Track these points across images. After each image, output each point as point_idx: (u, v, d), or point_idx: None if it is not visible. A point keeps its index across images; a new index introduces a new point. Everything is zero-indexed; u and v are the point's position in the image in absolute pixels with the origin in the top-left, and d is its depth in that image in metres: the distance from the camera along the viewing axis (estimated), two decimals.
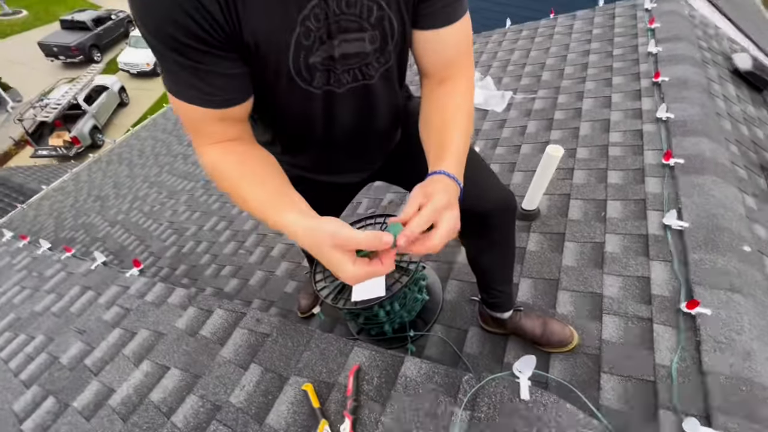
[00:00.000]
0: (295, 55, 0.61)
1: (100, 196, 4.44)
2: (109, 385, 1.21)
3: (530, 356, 0.76)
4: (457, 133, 0.68)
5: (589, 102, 2.19)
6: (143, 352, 1.26)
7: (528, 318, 1.26)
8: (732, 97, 2.17)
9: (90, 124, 10.31)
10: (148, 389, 1.13)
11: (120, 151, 5.69)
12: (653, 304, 1.23)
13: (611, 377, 1.13)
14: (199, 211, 3.14)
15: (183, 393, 1.08)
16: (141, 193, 4.00)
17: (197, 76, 0.57)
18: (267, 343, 1.09)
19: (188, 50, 0.54)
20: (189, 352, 1.19)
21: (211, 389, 1.05)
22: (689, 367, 1.07)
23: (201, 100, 0.59)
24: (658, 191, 1.56)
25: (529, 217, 1.67)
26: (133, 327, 1.38)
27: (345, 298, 1.33)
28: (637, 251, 1.40)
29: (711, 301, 1.17)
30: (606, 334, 1.22)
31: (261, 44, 0.58)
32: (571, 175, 1.80)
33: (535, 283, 1.45)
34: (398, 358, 0.91)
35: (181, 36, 0.52)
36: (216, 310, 1.28)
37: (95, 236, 3.57)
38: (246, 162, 0.65)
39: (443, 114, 0.71)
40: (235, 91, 0.61)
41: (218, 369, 1.09)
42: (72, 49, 12.70)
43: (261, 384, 1.00)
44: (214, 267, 2.39)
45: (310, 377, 0.96)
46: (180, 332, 1.27)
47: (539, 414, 0.72)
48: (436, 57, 0.73)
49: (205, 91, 0.58)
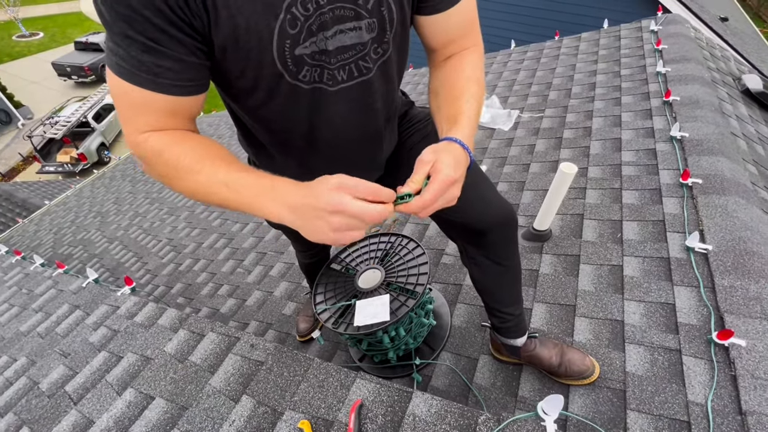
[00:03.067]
0: (279, 45, 0.55)
1: (101, 212, 4.40)
2: (88, 415, 1.11)
3: (557, 396, 0.67)
4: (468, 103, 0.66)
5: (598, 121, 2.15)
6: (128, 378, 1.17)
7: (544, 346, 1.16)
8: (745, 117, 2.12)
9: (98, 141, 10.43)
10: (129, 421, 1.04)
11: (124, 168, 5.69)
12: (680, 333, 1.14)
13: (639, 415, 1.02)
14: (198, 228, 3.07)
15: (167, 427, 0.98)
16: (141, 210, 3.95)
17: (150, 54, 0.50)
18: (261, 373, 1.00)
19: (145, 24, 0.48)
20: (176, 380, 1.09)
21: (197, 424, 0.95)
22: (727, 406, 0.97)
23: (151, 83, 0.52)
24: (677, 212, 1.48)
25: (541, 238, 1.59)
26: (120, 350, 1.29)
27: (347, 322, 1.24)
28: (659, 276, 1.31)
29: (745, 332, 1.07)
30: (630, 366, 1.12)
31: (241, 32, 0.52)
32: (583, 195, 1.73)
33: (550, 309, 1.35)
34: (405, 393, 0.82)
35: (139, 4, 0.46)
36: (208, 334, 1.19)
37: (93, 252, 3.50)
38: (200, 144, 0.58)
39: (454, 85, 0.69)
40: (189, 79, 0.55)
41: (207, 400, 1.00)
42: (85, 69, 13.02)
43: (252, 419, 0.90)
44: (211, 286, 2.30)
45: (306, 413, 0.86)
46: (168, 357, 1.18)
47: None
48: (443, 36, 0.70)
49: (155, 72, 0.52)
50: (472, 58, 0.71)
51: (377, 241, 1.49)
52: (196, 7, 0.49)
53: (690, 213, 1.45)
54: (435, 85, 0.73)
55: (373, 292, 1.29)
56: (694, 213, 1.45)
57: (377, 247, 1.47)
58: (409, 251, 1.39)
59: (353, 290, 1.33)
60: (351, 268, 1.43)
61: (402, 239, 1.45)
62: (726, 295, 1.17)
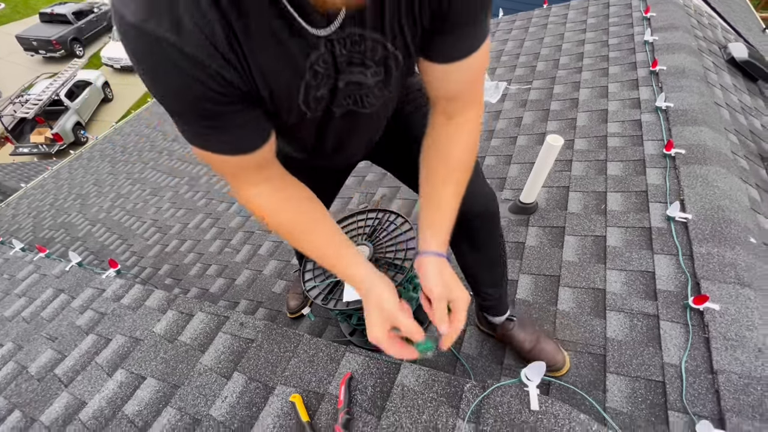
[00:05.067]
0: (305, 94, 0.61)
1: (81, 194, 4.28)
2: (80, 397, 1.12)
3: (540, 362, 0.70)
4: (454, 200, 0.72)
5: (585, 92, 2.14)
6: (118, 360, 1.17)
7: (522, 329, 1.17)
8: (729, 86, 2.13)
9: (73, 120, 10.00)
10: (122, 401, 1.04)
11: (102, 148, 5.50)
12: (659, 299, 1.18)
13: (618, 377, 1.07)
14: (183, 209, 3.02)
15: (159, 405, 0.99)
16: (123, 191, 3.85)
17: (219, 129, 0.56)
18: (251, 350, 1.01)
19: (206, 110, 0.53)
20: (167, 359, 1.10)
21: (190, 401, 0.96)
22: (699, 366, 1.02)
23: (230, 150, 0.59)
24: (659, 182, 1.51)
25: (527, 211, 1.61)
26: (108, 333, 1.29)
27: (336, 298, 1.25)
28: (641, 245, 1.34)
29: (720, 296, 1.11)
30: (610, 332, 1.16)
31: (275, 94, 0.58)
32: (569, 167, 1.74)
33: (536, 280, 1.38)
34: (394, 365, 0.83)
35: (198, 100, 0.51)
36: (197, 314, 1.19)
37: (75, 236, 3.42)
38: (293, 207, 0.69)
39: (447, 164, 0.72)
40: (258, 134, 0.61)
41: (198, 378, 1.01)
42: (53, 43, 12.28)
43: (245, 395, 0.92)
44: (199, 266, 2.29)
45: (298, 386, 0.88)
46: (158, 338, 1.18)
47: (550, 426, 0.65)
48: (446, 89, 0.68)
49: (230, 141, 0.58)
50: (469, 127, 0.71)
51: (365, 217, 1.49)
52: (239, 79, 0.52)
53: (672, 183, 1.48)
54: (429, 147, 0.74)
55: None
56: (676, 183, 1.47)
57: (365, 224, 1.47)
58: (396, 227, 1.39)
59: None
60: None
61: (390, 215, 1.45)
62: (703, 262, 1.21)
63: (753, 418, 0.90)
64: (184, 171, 3.65)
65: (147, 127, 5.35)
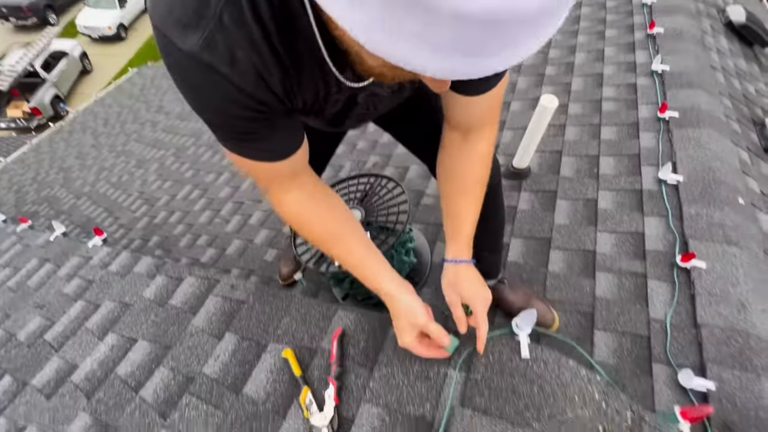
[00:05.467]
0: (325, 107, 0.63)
1: (64, 168, 4.15)
2: (71, 360, 1.11)
3: (531, 311, 0.70)
4: (471, 211, 0.76)
5: (581, 56, 2.09)
6: (108, 324, 1.16)
7: (513, 291, 1.20)
8: (725, 50, 2.10)
9: (51, 93, 9.58)
10: (114, 363, 1.04)
11: (83, 120, 5.30)
12: (647, 259, 1.20)
13: (605, 333, 1.09)
14: (170, 180, 2.95)
15: (152, 365, 0.99)
16: (108, 164, 3.74)
17: (254, 140, 0.58)
18: (243, 310, 1.01)
19: (244, 126, 0.55)
20: (158, 322, 1.09)
21: (182, 360, 0.96)
22: (684, 321, 1.05)
23: (265, 157, 0.61)
24: (652, 146, 1.50)
25: (520, 176, 1.60)
26: (97, 299, 1.27)
27: (328, 261, 1.25)
28: (632, 207, 1.35)
29: (707, 255, 1.13)
30: (599, 291, 1.18)
31: (307, 107, 0.60)
32: (563, 132, 1.72)
33: (527, 243, 1.39)
34: (387, 319, 0.84)
35: (238, 119, 0.53)
36: (186, 278, 1.18)
37: (60, 209, 3.34)
38: (325, 217, 0.71)
39: (463, 181, 0.76)
40: (292, 143, 0.63)
41: (190, 339, 1.00)
42: (24, 10, 11.58)
43: (237, 353, 0.92)
44: (189, 237, 2.26)
45: (290, 344, 0.88)
46: (148, 302, 1.17)
47: (540, 372, 0.66)
48: (465, 117, 0.71)
49: (265, 149, 0.60)
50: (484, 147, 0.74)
51: (356, 182, 1.46)
52: (281, 105, 0.55)
53: (665, 146, 1.47)
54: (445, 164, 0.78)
55: None
56: (669, 146, 1.47)
57: (357, 188, 1.44)
58: (388, 191, 1.37)
59: None
60: None
61: (382, 179, 1.42)
62: (691, 222, 1.22)
63: (733, 367, 0.94)
64: (169, 142, 3.54)
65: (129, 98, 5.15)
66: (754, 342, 0.96)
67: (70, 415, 0.97)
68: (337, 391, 0.74)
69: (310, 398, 0.75)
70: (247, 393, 0.83)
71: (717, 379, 0.93)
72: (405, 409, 0.69)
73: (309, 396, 0.75)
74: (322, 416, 0.71)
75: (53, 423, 0.97)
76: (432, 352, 0.70)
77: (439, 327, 0.68)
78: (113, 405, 0.94)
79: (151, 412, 0.88)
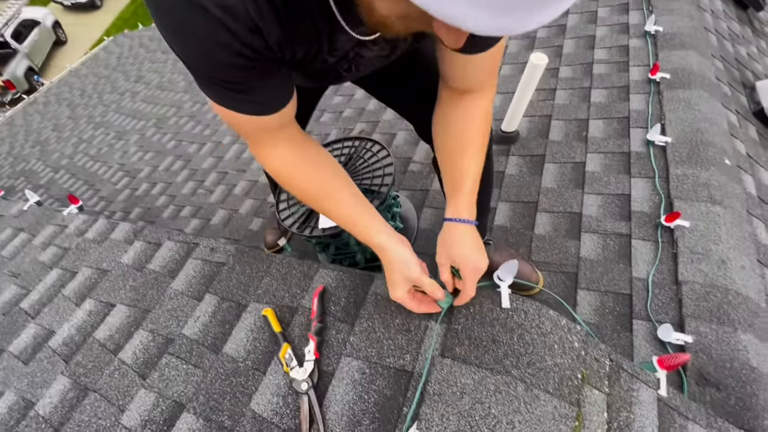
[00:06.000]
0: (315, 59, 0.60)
1: (40, 141, 3.99)
2: (48, 327, 1.09)
3: (512, 262, 0.69)
4: (474, 165, 0.72)
5: (574, 18, 2.02)
6: (85, 291, 1.13)
7: (498, 253, 1.20)
8: (719, 12, 2.05)
9: (24, 65, 9.13)
10: (92, 328, 1.02)
11: (58, 92, 5.06)
12: (632, 220, 1.19)
13: (588, 293, 1.10)
14: (152, 152, 2.86)
15: (131, 329, 0.97)
16: (86, 136, 3.60)
17: (247, 91, 0.55)
18: (223, 272, 0.98)
19: (238, 72, 0.52)
20: (136, 287, 1.06)
21: (162, 323, 0.94)
22: (666, 279, 1.06)
23: (256, 111, 0.58)
24: (642, 108, 1.47)
25: (509, 140, 1.57)
26: (73, 266, 1.23)
27: (312, 226, 1.22)
28: (619, 169, 1.33)
29: (691, 214, 1.13)
30: (584, 252, 1.18)
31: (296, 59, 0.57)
32: (552, 96, 1.68)
33: (514, 207, 1.38)
34: (368, 277, 0.82)
35: (226, 66, 0.50)
36: (165, 243, 1.15)
37: (37, 183, 3.23)
38: (315, 171, 0.69)
39: (462, 137, 0.72)
40: (282, 96, 0.61)
41: (169, 302, 0.98)
42: None
43: (217, 314, 0.90)
44: (173, 208, 2.20)
45: (271, 303, 0.86)
46: (126, 268, 1.13)
47: (520, 321, 0.66)
48: (465, 76, 0.68)
49: (258, 102, 0.57)
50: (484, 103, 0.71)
51: (341, 145, 1.42)
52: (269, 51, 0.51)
53: (655, 108, 1.45)
54: (444, 122, 0.75)
55: None
56: (659, 108, 1.44)
57: (341, 152, 1.40)
58: (373, 154, 1.33)
59: None
60: None
61: (366, 143, 1.38)
62: (678, 183, 1.21)
63: (710, 321, 0.95)
64: (150, 113, 3.41)
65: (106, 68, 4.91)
66: (732, 297, 0.97)
67: (49, 378, 0.95)
68: (317, 346, 0.73)
69: (290, 354, 0.74)
70: (227, 352, 0.82)
71: (695, 333, 0.94)
72: (385, 362, 0.69)
73: (289, 351, 0.74)
74: (302, 371, 0.71)
75: (31, 387, 0.95)
76: (423, 307, 0.69)
77: (432, 281, 0.66)
78: (92, 368, 0.92)
79: (131, 373, 0.87)
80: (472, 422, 0.57)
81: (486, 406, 0.58)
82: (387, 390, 0.66)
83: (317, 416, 0.65)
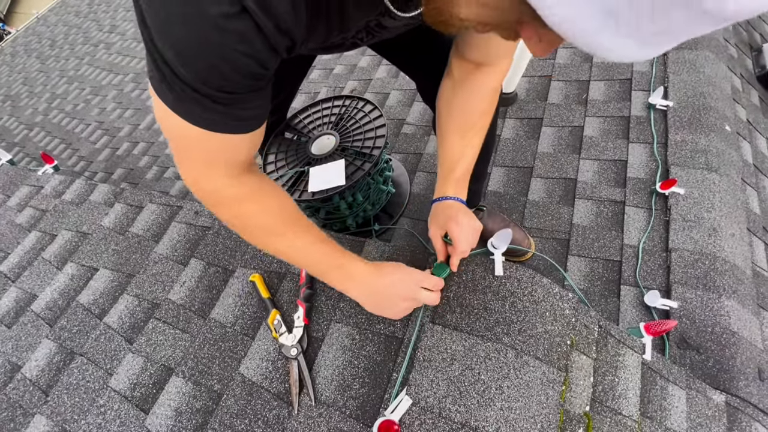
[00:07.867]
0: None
1: (10, 95, 3.76)
2: (30, 290, 1.06)
3: (506, 230, 0.67)
4: (470, 150, 0.72)
5: None
6: (66, 254, 1.09)
7: (491, 219, 1.19)
8: None
9: None
10: (75, 292, 0.99)
11: (26, 41, 4.70)
12: (628, 186, 1.18)
13: (578, 259, 1.10)
14: (131, 109, 2.71)
15: (116, 293, 0.95)
16: (59, 90, 3.39)
17: (237, 107, 0.47)
18: (208, 236, 0.95)
19: (244, 80, 0.43)
20: (119, 251, 1.03)
21: (147, 288, 0.92)
22: (656, 246, 1.06)
23: (236, 128, 0.49)
24: (645, 69, 1.41)
25: (506, 102, 1.51)
26: (52, 229, 1.19)
27: (301, 189, 1.18)
28: (617, 134, 1.30)
29: (686, 181, 1.12)
30: (577, 219, 1.17)
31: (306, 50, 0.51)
32: (554, 55, 1.60)
33: (508, 172, 1.35)
34: (358, 243, 0.80)
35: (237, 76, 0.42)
36: (147, 205, 1.10)
37: (11, 141, 3.08)
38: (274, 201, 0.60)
39: (465, 117, 0.71)
40: (264, 113, 0.52)
41: (154, 267, 0.95)
42: None
43: (204, 279, 0.88)
44: (156, 169, 2.12)
45: (259, 268, 0.84)
46: (107, 231, 1.09)
47: (513, 289, 0.65)
48: (483, 50, 0.65)
49: (241, 118, 0.49)
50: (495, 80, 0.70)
51: (331, 104, 1.35)
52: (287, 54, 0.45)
53: (659, 69, 1.39)
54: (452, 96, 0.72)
55: (328, 158, 1.20)
56: (663, 69, 1.38)
57: (331, 112, 1.33)
58: (365, 114, 1.27)
59: (306, 157, 1.23)
60: (303, 134, 1.31)
61: (358, 102, 1.31)
62: (676, 149, 1.19)
63: (696, 288, 0.97)
64: (127, 66, 3.20)
65: (76, 16, 4.54)
66: (720, 264, 0.98)
67: (33, 342, 0.94)
68: (306, 312, 0.72)
69: (278, 320, 0.73)
70: (215, 317, 0.80)
71: (680, 299, 0.96)
72: (375, 328, 0.68)
73: (278, 318, 0.73)
74: (291, 337, 0.70)
75: (16, 351, 0.94)
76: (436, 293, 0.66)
77: (428, 275, 0.65)
78: (77, 332, 0.91)
79: (117, 337, 0.86)
80: (462, 388, 0.57)
81: (476, 372, 0.58)
82: (377, 356, 0.66)
83: (307, 381, 0.65)
